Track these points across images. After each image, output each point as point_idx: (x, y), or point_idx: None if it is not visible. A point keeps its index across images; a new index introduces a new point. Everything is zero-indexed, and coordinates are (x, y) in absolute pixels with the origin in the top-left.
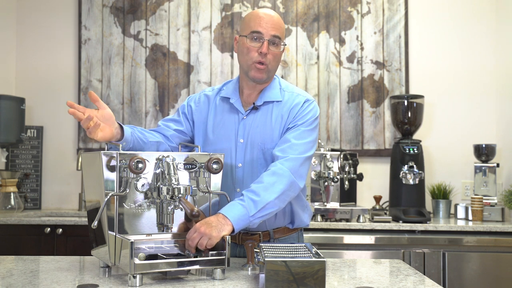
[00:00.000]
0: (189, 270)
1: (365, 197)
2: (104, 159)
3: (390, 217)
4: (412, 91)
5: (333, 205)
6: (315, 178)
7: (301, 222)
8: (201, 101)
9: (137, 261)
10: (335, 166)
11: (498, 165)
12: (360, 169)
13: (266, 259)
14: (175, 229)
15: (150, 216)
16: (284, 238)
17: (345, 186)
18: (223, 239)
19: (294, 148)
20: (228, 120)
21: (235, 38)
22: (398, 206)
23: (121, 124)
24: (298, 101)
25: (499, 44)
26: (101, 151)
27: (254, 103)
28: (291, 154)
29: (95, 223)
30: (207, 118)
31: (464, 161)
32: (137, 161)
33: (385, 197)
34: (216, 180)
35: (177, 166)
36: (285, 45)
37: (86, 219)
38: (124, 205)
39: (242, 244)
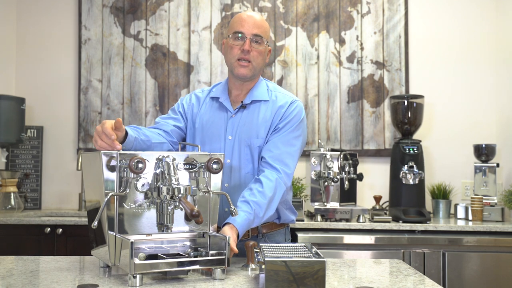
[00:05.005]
0: (189, 270)
1: (365, 197)
2: (104, 159)
3: (390, 217)
4: (412, 91)
5: (333, 205)
6: (315, 178)
7: (287, 218)
8: (192, 101)
9: (137, 261)
10: (335, 166)
11: (498, 165)
12: (360, 169)
13: (266, 259)
14: (175, 229)
15: (150, 216)
16: (272, 234)
17: (345, 186)
18: (224, 239)
19: (286, 157)
20: (218, 118)
21: (223, 42)
22: (398, 206)
23: (126, 129)
24: (285, 101)
25: (500, 44)
26: (101, 151)
27: (242, 102)
28: (284, 166)
29: (95, 223)
30: (197, 117)
31: (464, 161)
32: (137, 161)
33: (385, 197)
34: (216, 180)
35: (177, 166)
36: (268, 44)
37: (86, 219)
38: (124, 205)
39: (242, 244)
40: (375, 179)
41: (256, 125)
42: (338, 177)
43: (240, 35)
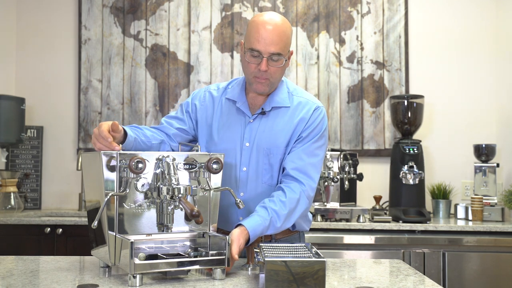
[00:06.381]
0: (189, 270)
1: (365, 197)
2: (104, 159)
3: (390, 217)
4: (412, 91)
5: (333, 205)
6: None
7: (301, 227)
8: (206, 100)
9: (137, 261)
10: (335, 166)
11: (498, 165)
12: (360, 169)
13: (266, 259)
14: (175, 229)
15: (150, 216)
16: (286, 238)
17: (345, 186)
18: (224, 239)
19: (310, 169)
20: (234, 122)
21: (241, 42)
22: (398, 206)
23: (126, 130)
24: (308, 108)
25: (500, 44)
26: (101, 151)
27: (262, 108)
28: (308, 179)
29: (95, 223)
30: (212, 119)
31: (464, 161)
32: (137, 161)
33: (385, 197)
34: (216, 180)
35: (177, 166)
36: (290, 52)
37: (86, 219)
38: (124, 205)
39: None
40: (375, 179)
41: (276, 133)
42: (338, 177)
43: (256, 53)
